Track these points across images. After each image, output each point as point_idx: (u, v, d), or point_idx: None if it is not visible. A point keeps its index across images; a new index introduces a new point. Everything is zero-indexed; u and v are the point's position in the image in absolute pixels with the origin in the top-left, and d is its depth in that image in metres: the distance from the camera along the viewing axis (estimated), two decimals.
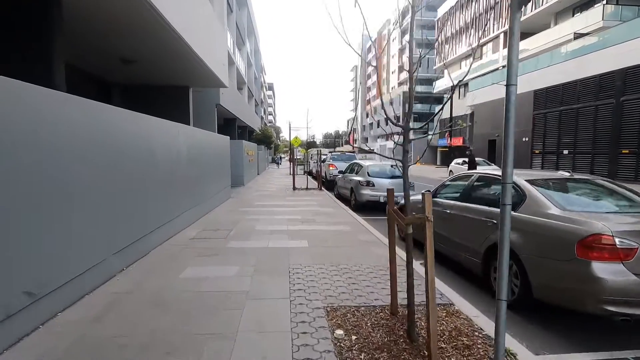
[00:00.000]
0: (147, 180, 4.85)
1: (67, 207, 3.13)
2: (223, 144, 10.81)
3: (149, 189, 4.91)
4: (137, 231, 4.53)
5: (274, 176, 23.87)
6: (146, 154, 4.80)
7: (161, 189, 5.37)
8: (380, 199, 9.37)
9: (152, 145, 4.98)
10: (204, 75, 10.53)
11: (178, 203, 6.23)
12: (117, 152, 3.98)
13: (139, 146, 4.57)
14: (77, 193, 3.28)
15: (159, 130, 5.30)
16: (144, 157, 4.72)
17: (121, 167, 4.09)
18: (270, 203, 10.44)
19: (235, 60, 22.77)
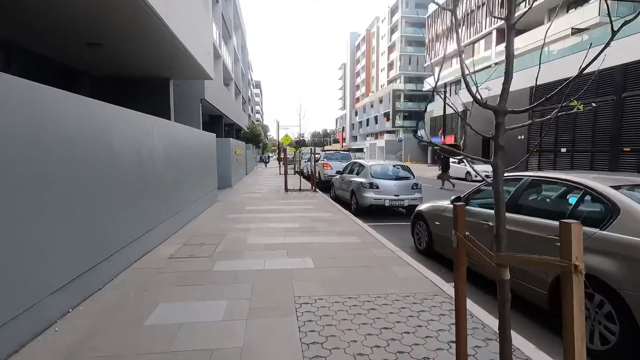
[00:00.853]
0: (106, 187, 3.74)
1: None
2: (209, 142, 9.68)
3: (109, 198, 3.80)
4: (90, 255, 3.43)
5: (263, 176, 22.72)
6: (103, 154, 3.69)
7: (128, 196, 4.26)
8: (385, 202, 8.42)
9: (112, 141, 3.87)
10: (187, 66, 9.36)
11: (153, 213, 5.11)
12: (51, 150, 2.88)
13: (90, 143, 3.46)
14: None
15: (123, 124, 4.18)
16: (99, 158, 3.62)
17: (61, 171, 2.99)
18: (262, 207, 9.37)
19: (222, 53, 21.50)
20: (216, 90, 17.58)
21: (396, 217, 8.82)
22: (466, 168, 20.23)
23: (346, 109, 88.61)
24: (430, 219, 5.24)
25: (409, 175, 9.02)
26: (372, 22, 71.28)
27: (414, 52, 57.22)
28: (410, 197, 8.57)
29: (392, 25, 60.40)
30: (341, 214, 8.52)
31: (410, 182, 8.76)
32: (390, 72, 61.84)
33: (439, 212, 5.02)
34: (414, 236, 5.88)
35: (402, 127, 56.14)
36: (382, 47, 65.12)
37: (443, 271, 4.72)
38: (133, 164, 4.40)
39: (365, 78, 75.73)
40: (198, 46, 9.01)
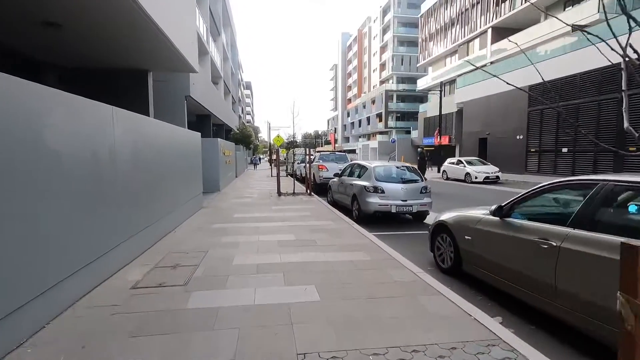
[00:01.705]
0: (34, 198, 2.70)
1: None
2: (193, 141, 8.62)
3: (39, 214, 2.76)
4: (11, 296, 2.39)
5: (254, 179, 21.63)
6: (29, 153, 2.65)
7: (72, 209, 3.22)
8: (392, 208, 7.48)
9: (44, 136, 2.82)
10: (167, 56, 8.31)
11: (115, 228, 4.07)
12: None
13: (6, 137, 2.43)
14: None
15: (63, 113, 3.14)
16: (22, 158, 2.58)
17: None
18: (253, 215, 8.34)
19: (210, 49, 20.39)
20: (203, 87, 16.50)
21: (403, 225, 7.89)
22: (465, 169, 19.48)
23: (338, 110, 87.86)
24: (458, 232, 4.30)
25: (417, 177, 8.10)
26: (364, 22, 70.72)
27: (406, 52, 56.76)
28: (419, 203, 7.65)
29: (384, 25, 59.87)
30: (342, 222, 7.55)
31: (418, 185, 7.84)
32: (382, 73, 61.27)
33: (471, 225, 4.09)
34: (434, 251, 4.94)
35: (395, 127, 55.56)
36: (374, 48, 64.56)
37: (479, 298, 3.79)
38: (80, 167, 3.36)
39: (357, 79, 75.09)
40: (180, 33, 7.97)
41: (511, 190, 14.74)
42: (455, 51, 36.52)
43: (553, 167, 20.36)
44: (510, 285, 3.45)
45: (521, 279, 3.32)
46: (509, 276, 3.49)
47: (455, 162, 21.04)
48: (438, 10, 39.16)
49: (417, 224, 8.04)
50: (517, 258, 3.37)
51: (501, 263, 3.58)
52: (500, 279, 3.61)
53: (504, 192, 14.13)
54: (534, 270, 3.15)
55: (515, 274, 3.39)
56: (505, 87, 24.47)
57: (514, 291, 3.43)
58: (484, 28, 31.00)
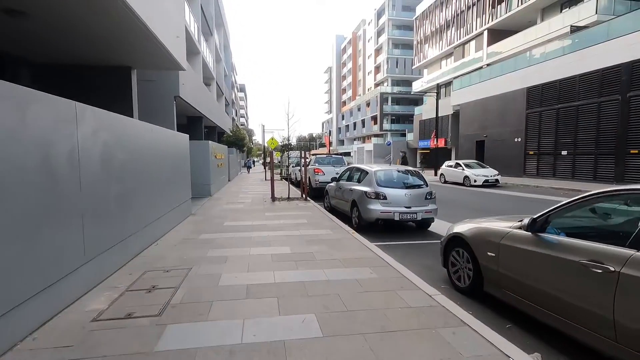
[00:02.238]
0: None
1: None
2: (179, 143, 7.99)
3: None
4: None
5: (247, 183, 20.98)
6: None
7: (9, 228, 2.59)
8: (395, 216, 6.92)
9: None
10: (151, 51, 7.69)
11: (75, 245, 3.44)
12: None
13: None
14: None
15: (5, 109, 2.53)
16: None
17: None
18: (245, 223, 7.72)
19: (201, 49, 19.76)
20: (194, 88, 15.85)
21: (407, 233, 7.33)
22: (464, 172, 19.03)
23: (332, 112, 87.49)
24: (479, 247, 3.74)
25: (421, 182, 7.55)
26: (359, 25, 70.56)
27: (401, 54, 56.61)
28: (424, 209, 7.10)
29: (378, 28, 59.71)
30: (341, 230, 6.96)
31: (423, 191, 7.29)
32: (377, 75, 61.04)
33: (495, 239, 3.53)
34: (447, 267, 4.37)
35: (390, 130, 55.27)
36: (369, 50, 64.37)
37: (507, 326, 3.23)
38: (22, 175, 2.73)
39: (352, 81, 74.83)
40: (165, 27, 7.36)
41: (513, 194, 14.29)
42: (451, 53, 36.31)
43: (552, 170, 20.03)
44: (548, 314, 2.90)
45: (564, 309, 2.76)
46: (546, 303, 2.93)
47: (454, 165, 20.59)
48: (433, 12, 38.99)
49: (421, 232, 7.49)
50: (558, 283, 2.81)
51: (536, 287, 3.02)
52: (535, 305, 3.04)
53: (507, 197, 13.67)
54: (582, 300, 2.60)
55: (555, 302, 2.83)
56: (502, 89, 24.23)
57: (553, 321, 2.87)
58: (479, 30, 30.79)
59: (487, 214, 9.60)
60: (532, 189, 16.73)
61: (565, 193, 14.62)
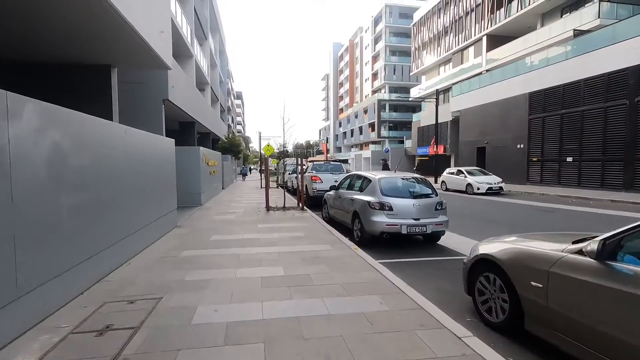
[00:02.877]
0: None
1: None
2: (163, 149, 7.23)
3: None
4: None
5: (242, 191, 20.18)
6: None
7: None
8: (402, 229, 6.16)
9: None
10: (132, 47, 6.97)
11: (2, 274, 2.65)
12: None
13: None
14: None
15: None
16: None
17: None
18: (234, 237, 6.93)
19: (194, 52, 19.12)
20: (186, 92, 15.14)
21: (414, 248, 6.57)
22: (467, 180, 18.35)
23: (330, 120, 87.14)
24: (518, 273, 2.99)
25: (430, 191, 6.82)
26: (356, 33, 70.57)
27: (398, 61, 56.43)
28: (435, 222, 6.35)
29: (375, 35, 59.62)
30: (342, 245, 6.19)
31: (432, 200, 6.55)
32: (374, 82, 60.78)
33: (541, 265, 2.78)
34: (473, 295, 3.61)
35: (388, 137, 54.77)
36: (366, 57, 64.23)
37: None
38: None
39: (349, 88, 74.61)
40: (145, 19, 6.65)
41: (520, 203, 13.60)
42: (449, 60, 35.97)
43: (557, 178, 19.40)
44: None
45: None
46: (620, 356, 2.18)
47: (455, 172, 19.92)
48: (431, 18, 38.76)
49: (430, 246, 6.73)
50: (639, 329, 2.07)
51: (605, 332, 2.27)
52: (602, 356, 2.29)
53: (514, 205, 12.97)
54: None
55: (635, 355, 2.08)
56: (503, 94, 23.74)
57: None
58: (478, 36, 30.46)
59: (498, 225, 8.88)
60: (538, 197, 16.06)
61: (574, 201, 13.95)
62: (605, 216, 10.16)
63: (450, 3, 34.94)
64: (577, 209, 11.78)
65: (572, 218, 9.93)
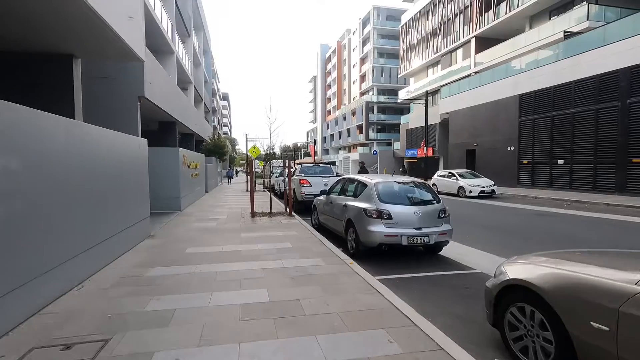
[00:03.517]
0: None
1: None
2: (133, 149, 6.38)
3: None
4: None
5: (226, 194, 19.25)
6: None
7: None
8: (402, 240, 5.48)
9: None
10: (96, 34, 6.10)
11: None
12: None
13: None
14: None
15: None
16: None
17: None
18: (213, 249, 6.12)
19: (176, 49, 18.15)
20: (166, 89, 14.20)
21: (415, 260, 5.91)
22: (459, 183, 17.92)
23: (317, 122, 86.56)
24: (570, 309, 2.32)
25: (432, 197, 6.17)
26: (343, 34, 70.31)
27: (386, 63, 56.31)
28: (438, 231, 5.70)
29: (363, 37, 59.42)
30: (335, 259, 5.47)
31: (435, 207, 5.90)
32: (362, 84, 60.52)
33: (607, 302, 2.11)
34: (503, 329, 2.92)
35: (376, 139, 54.48)
36: (354, 59, 63.95)
37: None
38: None
39: (337, 90, 74.21)
40: (111, 3, 5.80)
41: (514, 207, 13.15)
42: (438, 62, 35.83)
43: (548, 180, 19.18)
44: None
45: None
46: None
47: (447, 175, 19.49)
48: (419, 20, 38.62)
49: (430, 258, 6.08)
50: None
51: None
52: None
53: (509, 209, 12.50)
54: None
55: None
56: (493, 96, 23.52)
57: None
58: (467, 38, 30.36)
59: (499, 231, 8.31)
60: (531, 200, 15.72)
61: (569, 205, 13.62)
62: (608, 221, 9.74)
63: (438, 5, 34.84)
64: (575, 213, 11.38)
65: (575, 223, 9.46)
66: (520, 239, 7.59)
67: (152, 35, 14.79)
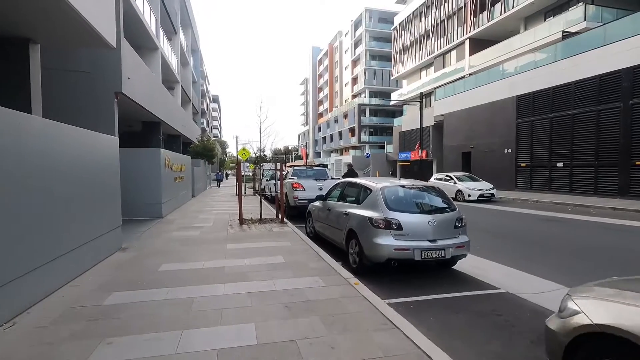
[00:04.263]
0: None
1: None
2: (98, 148, 5.45)
3: None
4: None
5: (214, 199, 18.25)
6: None
7: None
8: (415, 254, 4.67)
9: None
10: (55, 15, 5.18)
11: None
12: None
13: None
14: None
15: None
16: None
17: None
18: (192, 266, 5.21)
19: (160, 45, 17.15)
20: (148, 87, 13.22)
21: (426, 275, 5.10)
22: (457, 186, 17.28)
23: (309, 124, 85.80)
24: None
25: (446, 203, 5.37)
26: (335, 37, 69.86)
27: (378, 66, 55.91)
28: (455, 244, 4.90)
29: (355, 39, 58.99)
30: (337, 279, 4.62)
31: (451, 216, 5.11)
32: (354, 87, 60.01)
33: None
34: None
35: (369, 142, 53.93)
36: (346, 61, 63.47)
37: None
38: None
39: (329, 93, 73.62)
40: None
41: (516, 211, 12.49)
42: (431, 63, 35.43)
43: (547, 183, 18.67)
44: None
45: None
46: None
47: (444, 178, 18.84)
48: (412, 22, 38.24)
49: (444, 273, 5.28)
50: None
51: None
52: None
53: (512, 214, 11.82)
54: None
55: None
56: (489, 97, 23.04)
57: None
58: (461, 39, 29.99)
59: (508, 238, 7.51)
60: (532, 204, 15.13)
61: (573, 209, 13.03)
62: (626, 228, 9.10)
63: (431, 7, 34.49)
64: (584, 218, 10.76)
65: (589, 230, 8.79)
66: (537, 248, 6.85)
67: (133, 29, 13.81)
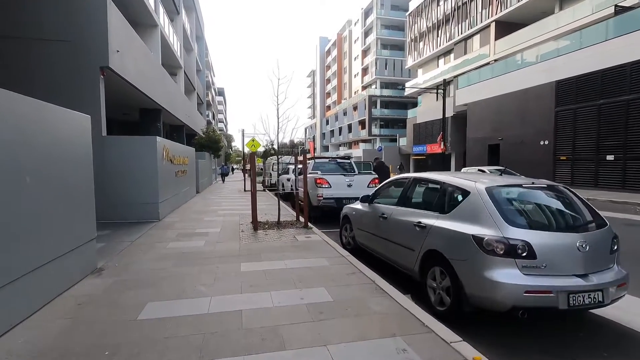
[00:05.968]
0: None
1: None
2: (65, 129, 3.62)
3: None
4: None
5: (221, 195, 16.47)
6: None
7: None
8: (560, 300, 2.80)
9: None
10: None
11: None
12: None
13: None
14: None
15: None
16: None
17: None
18: (192, 307, 3.38)
19: (160, 22, 15.28)
20: (145, 67, 11.38)
21: (553, 323, 3.23)
22: None
23: (316, 117, 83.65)
24: None
25: (592, 214, 3.47)
26: (344, 26, 67.38)
27: (390, 55, 53.53)
28: (616, 280, 3.01)
29: (366, 28, 56.54)
30: (430, 342, 2.76)
31: (606, 235, 3.22)
32: (365, 77, 57.67)
33: None
34: None
35: (380, 135, 51.81)
36: (356, 51, 61.06)
37: None
38: None
39: (337, 85, 71.31)
40: None
41: None
42: (451, 50, 33.14)
43: (593, 179, 16.60)
44: None
45: None
46: None
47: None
48: (429, 6, 35.87)
49: (573, 318, 3.39)
50: None
51: None
52: None
53: None
54: None
55: None
56: (522, 84, 20.87)
57: None
58: (486, 22, 27.69)
59: None
60: None
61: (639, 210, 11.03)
62: None
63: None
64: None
65: None
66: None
67: (129, 2, 11.99)
